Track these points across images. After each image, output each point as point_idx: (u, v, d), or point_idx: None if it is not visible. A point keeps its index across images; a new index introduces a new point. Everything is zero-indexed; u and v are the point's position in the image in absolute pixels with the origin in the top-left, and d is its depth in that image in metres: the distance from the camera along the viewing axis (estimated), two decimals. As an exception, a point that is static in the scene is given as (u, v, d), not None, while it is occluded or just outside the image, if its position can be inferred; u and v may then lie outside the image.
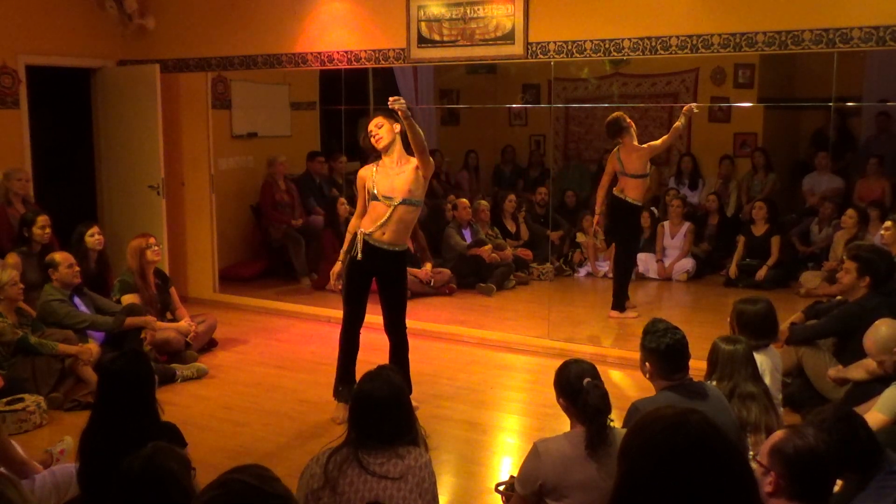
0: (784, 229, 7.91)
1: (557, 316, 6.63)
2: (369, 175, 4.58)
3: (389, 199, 4.47)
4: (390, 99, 4.27)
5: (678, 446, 1.71)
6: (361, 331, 4.80)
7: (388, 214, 4.48)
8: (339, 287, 4.78)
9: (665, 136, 6.43)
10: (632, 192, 6.49)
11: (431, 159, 4.54)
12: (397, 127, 4.50)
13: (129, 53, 7.72)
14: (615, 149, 6.59)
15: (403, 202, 4.48)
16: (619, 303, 6.73)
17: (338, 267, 4.76)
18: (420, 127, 4.37)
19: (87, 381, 4.96)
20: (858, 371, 4.12)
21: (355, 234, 4.63)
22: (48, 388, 4.93)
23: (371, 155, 4.71)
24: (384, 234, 4.52)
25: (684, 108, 6.24)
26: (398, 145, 4.55)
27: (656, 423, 1.78)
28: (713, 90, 8.95)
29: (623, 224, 6.64)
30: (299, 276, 8.11)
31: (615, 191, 6.57)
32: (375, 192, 4.50)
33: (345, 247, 4.77)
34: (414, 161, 4.51)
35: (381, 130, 4.50)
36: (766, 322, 3.87)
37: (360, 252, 4.55)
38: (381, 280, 4.69)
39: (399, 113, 4.28)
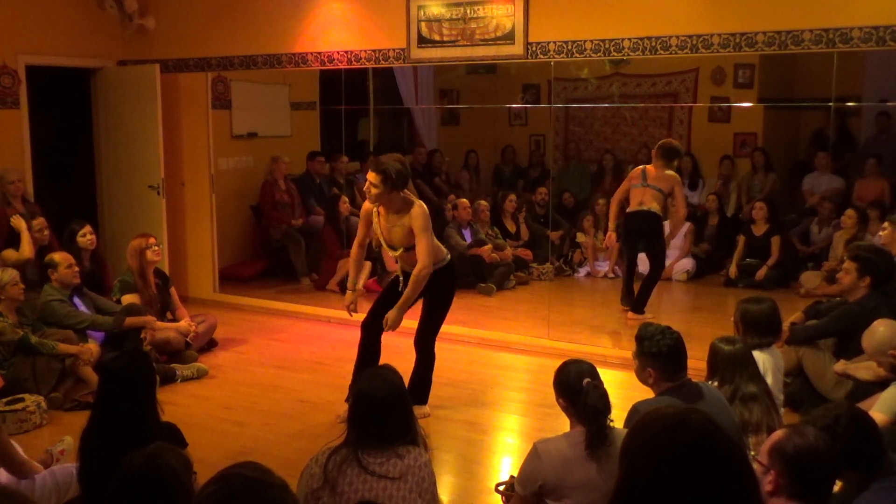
0: (784, 229, 7.91)
1: (557, 316, 6.62)
2: (374, 214, 4.59)
3: (393, 248, 4.56)
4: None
5: (679, 445, 1.71)
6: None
7: (397, 258, 4.60)
8: (351, 309, 4.74)
9: (683, 206, 6.64)
10: (651, 202, 6.48)
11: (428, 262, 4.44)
12: (388, 185, 4.36)
13: (129, 53, 7.73)
14: (641, 168, 6.59)
15: (406, 250, 4.52)
16: (641, 307, 6.71)
17: (349, 297, 4.75)
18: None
19: (87, 381, 4.97)
20: (864, 372, 4.11)
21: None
22: (48, 388, 4.93)
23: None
24: (410, 267, 4.54)
25: None
26: (396, 199, 4.44)
27: (657, 422, 1.78)
28: (713, 90, 8.94)
29: (653, 235, 6.61)
30: (299, 276, 8.11)
31: (635, 205, 6.54)
32: (381, 240, 4.59)
33: (351, 275, 4.78)
34: (411, 214, 4.44)
35: (373, 188, 4.36)
36: (770, 321, 3.88)
37: (402, 283, 4.60)
38: (426, 293, 4.65)
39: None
